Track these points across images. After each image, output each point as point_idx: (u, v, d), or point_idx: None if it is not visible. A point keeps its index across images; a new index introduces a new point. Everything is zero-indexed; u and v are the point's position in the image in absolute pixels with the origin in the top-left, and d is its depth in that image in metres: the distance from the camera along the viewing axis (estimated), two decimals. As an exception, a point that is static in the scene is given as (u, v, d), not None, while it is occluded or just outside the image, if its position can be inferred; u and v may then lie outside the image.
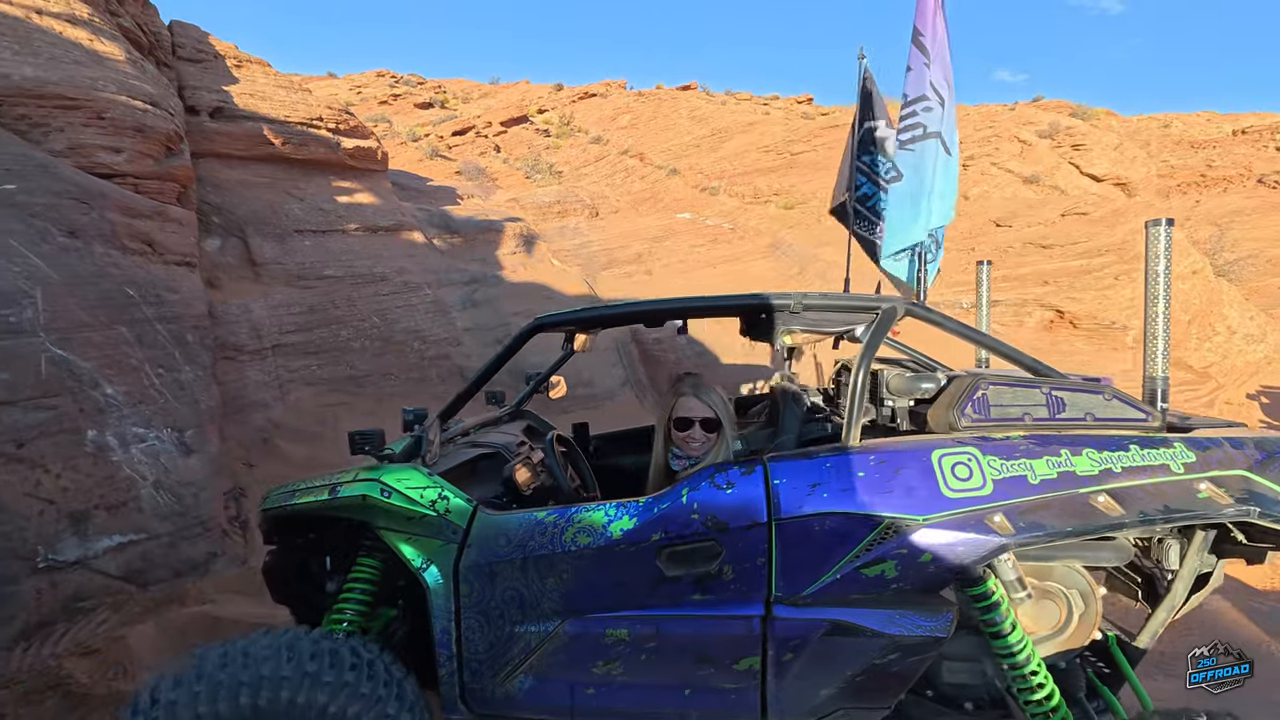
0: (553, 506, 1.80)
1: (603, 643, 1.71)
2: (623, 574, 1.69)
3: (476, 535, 1.74)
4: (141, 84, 4.71)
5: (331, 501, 1.83)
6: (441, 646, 1.73)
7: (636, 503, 1.73)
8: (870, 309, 1.92)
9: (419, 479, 1.79)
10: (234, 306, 5.24)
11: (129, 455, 3.29)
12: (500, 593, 1.72)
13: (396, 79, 24.45)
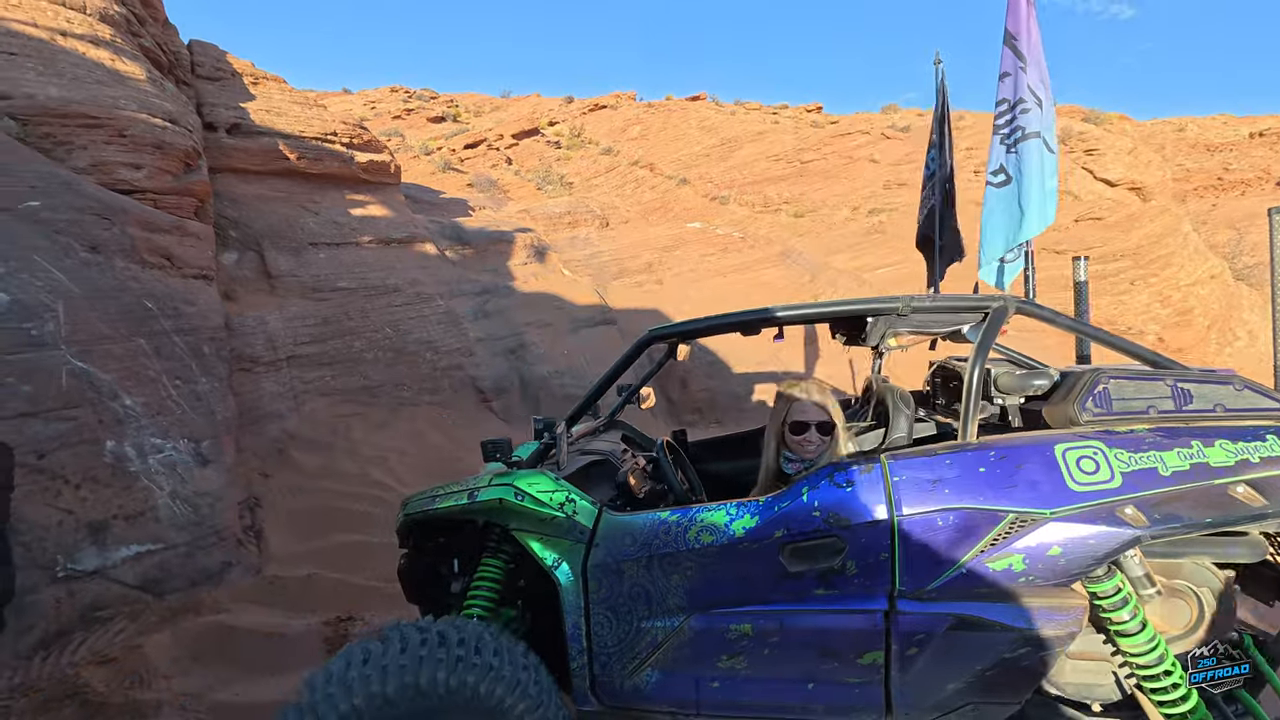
0: (674, 507, 1.86)
1: (727, 637, 1.76)
2: (746, 570, 1.74)
3: (602, 535, 1.82)
4: (161, 102, 4.82)
5: (470, 505, 1.93)
6: (573, 640, 1.81)
7: (756, 502, 1.78)
8: (979, 308, 1.96)
9: (548, 484, 1.89)
10: (250, 319, 5.31)
11: (147, 466, 3.33)
12: (627, 589, 1.79)
13: (410, 94, 24.81)
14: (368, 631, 3.10)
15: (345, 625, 3.14)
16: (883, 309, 1.99)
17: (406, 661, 1.56)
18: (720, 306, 9.04)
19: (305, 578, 3.49)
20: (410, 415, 5.76)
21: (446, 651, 1.59)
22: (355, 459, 4.92)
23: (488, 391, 6.35)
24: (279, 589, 3.40)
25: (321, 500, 4.32)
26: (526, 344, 7.01)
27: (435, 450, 5.33)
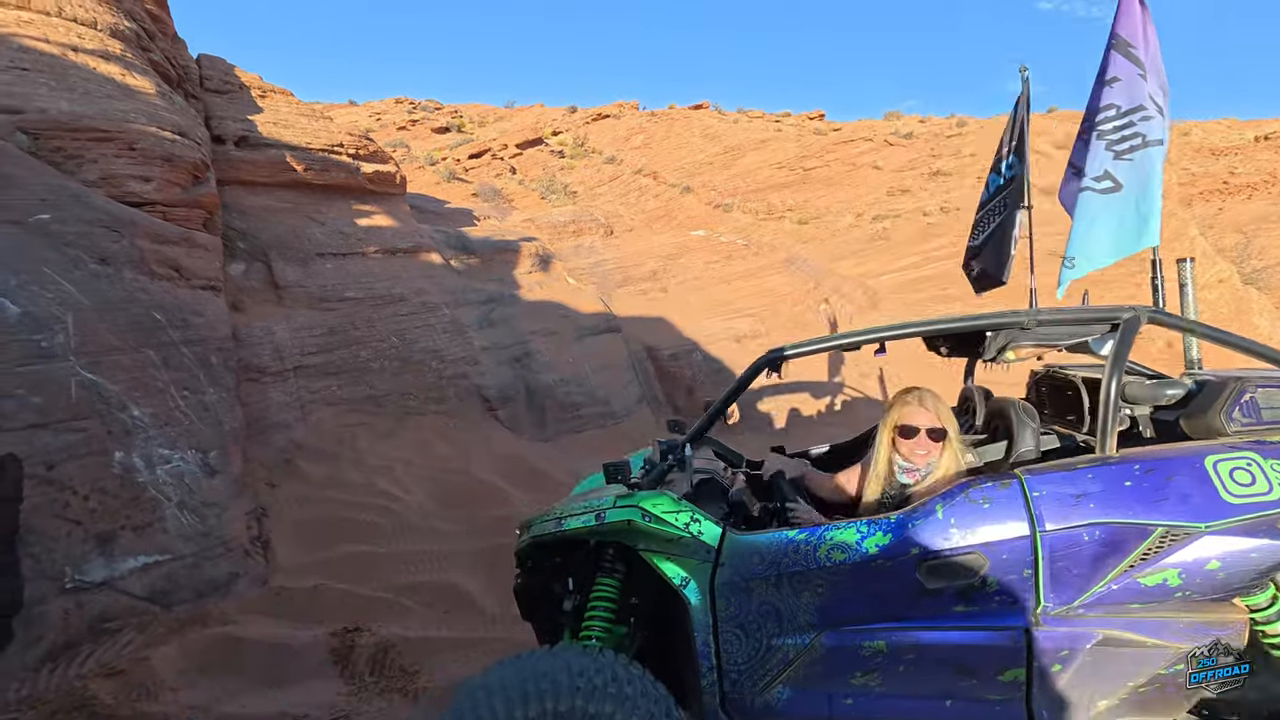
0: (800, 526, 1.88)
1: (860, 654, 1.76)
2: (880, 587, 1.74)
3: (728, 554, 1.83)
4: (171, 115, 4.87)
5: (599, 527, 1.95)
6: (702, 658, 1.82)
7: (888, 519, 1.78)
8: (1108, 319, 1.96)
9: (672, 504, 1.91)
10: (257, 329, 5.33)
11: (154, 476, 3.34)
12: (756, 607, 1.80)
13: (414, 105, 25.02)
14: (374, 643, 3.09)
15: (352, 636, 3.12)
16: (1006, 323, 2.00)
17: (547, 686, 1.58)
18: (725, 313, 9.03)
19: (312, 589, 3.48)
20: (416, 424, 5.76)
21: (585, 679, 1.61)
22: (361, 469, 4.92)
23: (493, 400, 6.35)
24: (285, 600, 3.39)
25: (328, 510, 4.31)
26: (532, 352, 7.01)
27: (441, 459, 5.33)
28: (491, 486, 4.94)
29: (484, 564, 3.94)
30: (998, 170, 3.79)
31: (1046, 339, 2.02)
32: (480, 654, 3.14)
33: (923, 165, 18.88)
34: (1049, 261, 4.03)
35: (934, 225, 16.16)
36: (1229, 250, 17.35)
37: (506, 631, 3.35)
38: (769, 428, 7.47)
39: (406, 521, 4.31)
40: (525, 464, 5.48)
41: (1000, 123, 21.86)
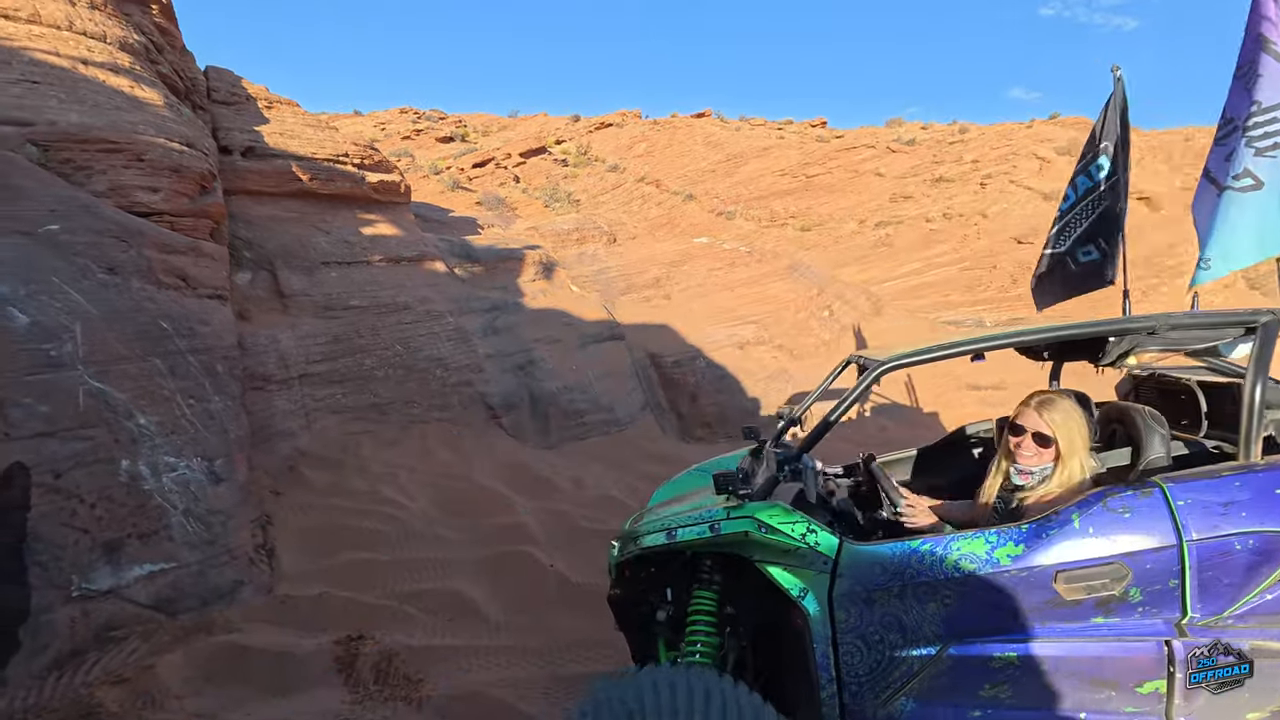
0: (924, 536, 1.85)
1: (990, 666, 1.73)
2: (1012, 598, 1.71)
3: (846, 565, 1.81)
4: (179, 127, 4.92)
5: (716, 538, 1.94)
6: (821, 670, 1.81)
7: (1019, 529, 1.75)
8: (1243, 323, 1.94)
9: (787, 515, 1.88)
10: (263, 337, 5.36)
11: (160, 484, 3.35)
12: (879, 619, 1.78)
13: (419, 115, 25.21)
14: (378, 651, 3.08)
15: (356, 645, 3.12)
16: (1134, 327, 1.97)
17: (653, 709, 1.55)
18: (728, 320, 9.04)
19: (316, 596, 3.48)
20: (420, 432, 5.77)
21: (708, 704, 1.59)
22: (365, 476, 4.93)
23: (497, 408, 6.36)
24: (290, 608, 3.39)
25: (332, 518, 4.32)
26: (535, 360, 7.03)
27: (444, 467, 5.34)
28: (495, 494, 4.95)
29: (488, 571, 3.94)
30: (1086, 173, 3.71)
31: (1176, 344, 2.00)
32: (484, 662, 3.13)
33: (925, 172, 18.92)
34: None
35: (936, 231, 16.17)
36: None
37: (511, 639, 3.35)
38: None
39: (410, 529, 4.32)
40: (529, 471, 5.48)
41: (1002, 130, 21.86)
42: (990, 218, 16.37)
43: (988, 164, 18.55)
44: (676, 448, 7.00)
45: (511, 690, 2.89)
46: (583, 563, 4.14)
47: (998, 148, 19.05)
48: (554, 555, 4.15)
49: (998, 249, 14.84)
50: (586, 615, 3.57)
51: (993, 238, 15.27)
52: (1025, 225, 15.38)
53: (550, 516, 4.73)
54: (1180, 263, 13.41)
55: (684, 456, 6.65)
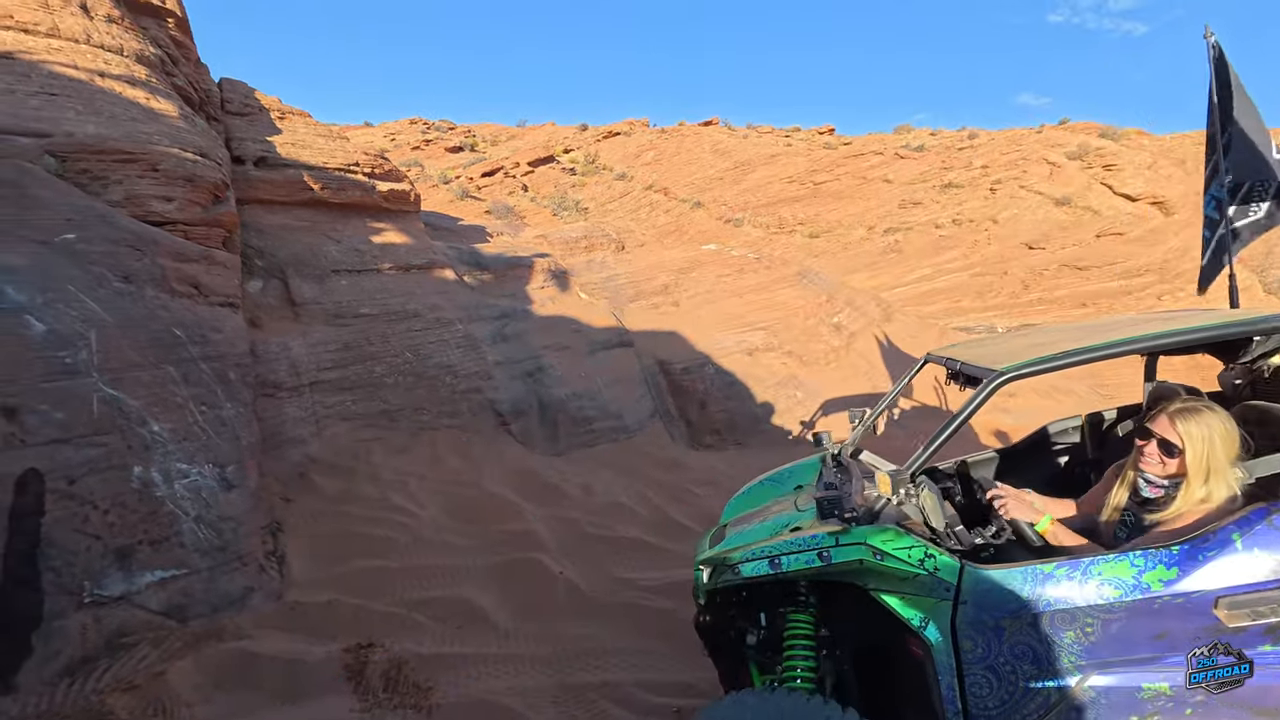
0: (1059, 560, 1.74)
1: (1137, 698, 1.63)
2: (1164, 626, 1.61)
3: (969, 590, 1.71)
4: (193, 137, 4.98)
5: (826, 568, 1.85)
6: (947, 704, 1.72)
7: (1169, 550, 1.64)
8: None
9: (901, 539, 1.78)
10: (274, 345, 5.40)
11: (172, 491, 3.37)
12: (1009, 648, 1.68)
13: (428, 125, 25.47)
14: (387, 659, 3.07)
15: (365, 652, 3.11)
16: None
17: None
18: (737, 327, 9.01)
19: (325, 603, 3.48)
20: (430, 439, 5.78)
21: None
22: (376, 483, 4.93)
23: (506, 414, 6.36)
24: (300, 615, 3.39)
25: (342, 525, 4.33)
26: (544, 367, 7.03)
27: (454, 474, 5.34)
28: (504, 501, 4.94)
29: (497, 579, 3.92)
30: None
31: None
32: (493, 670, 3.11)
33: (934, 178, 18.85)
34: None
35: (946, 237, 16.09)
36: (1250, 259, 17.06)
37: (520, 647, 3.32)
38: (784, 440, 7.41)
39: (420, 536, 4.31)
40: (538, 478, 5.47)
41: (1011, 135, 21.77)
42: (1001, 223, 16.26)
43: (997, 169, 18.46)
44: (686, 455, 6.97)
45: (520, 698, 2.87)
46: (592, 570, 4.11)
47: (1007, 153, 18.95)
48: (563, 562, 4.13)
49: (1009, 254, 14.73)
50: (596, 623, 3.55)
51: (1003, 243, 15.17)
52: (1036, 231, 15.28)
53: (559, 524, 4.71)
54: (1195, 268, 13.24)
55: (693, 463, 6.62)
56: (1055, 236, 14.67)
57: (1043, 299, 13.46)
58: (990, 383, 1.91)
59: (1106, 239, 14.19)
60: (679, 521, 5.00)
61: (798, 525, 2.11)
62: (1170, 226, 14.42)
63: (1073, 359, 1.88)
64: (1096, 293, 13.01)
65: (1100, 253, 13.73)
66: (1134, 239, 13.98)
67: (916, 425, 7.79)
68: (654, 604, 3.71)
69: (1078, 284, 13.36)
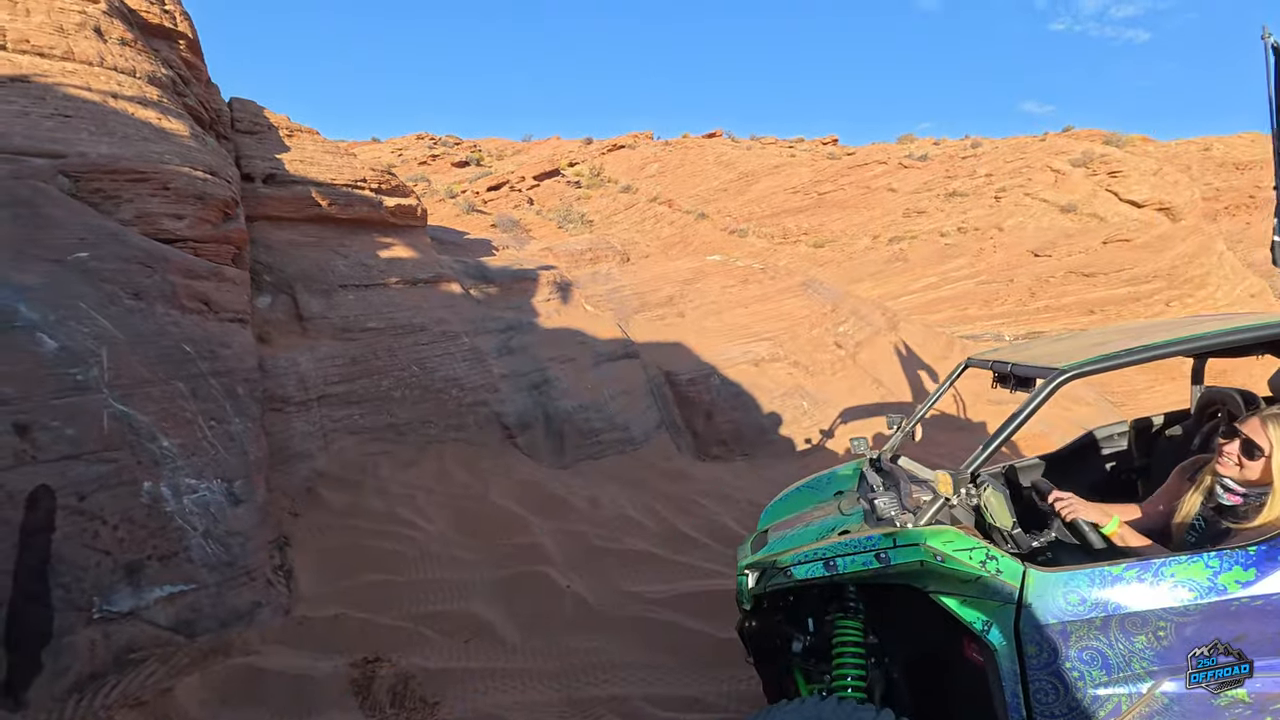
0: (1127, 560, 1.70)
1: (1213, 705, 1.59)
2: (1241, 629, 1.57)
3: (1034, 594, 1.66)
4: (203, 156, 5.06)
5: (884, 570, 1.81)
6: (1012, 711, 1.68)
7: (1246, 551, 1.61)
8: None
9: (963, 540, 1.74)
10: (282, 360, 5.44)
11: (181, 506, 3.39)
12: (1076, 653, 1.63)
13: (435, 140, 25.76)
14: (394, 674, 3.06)
15: (372, 667, 3.10)
16: None
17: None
18: (742, 337, 9.01)
19: (333, 618, 3.48)
20: (437, 452, 5.79)
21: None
22: (383, 497, 4.94)
23: (512, 427, 6.37)
24: (307, 629, 3.39)
25: (350, 539, 4.33)
26: (550, 379, 7.05)
27: (461, 487, 5.34)
28: (511, 514, 4.93)
29: (504, 593, 3.91)
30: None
31: None
32: (500, 684, 3.09)
33: (938, 186, 18.86)
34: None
35: (951, 246, 16.06)
36: (1260, 264, 16.93)
37: (527, 661, 3.31)
38: (791, 451, 7.37)
39: (427, 550, 4.31)
40: (544, 491, 5.47)
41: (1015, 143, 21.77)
42: (1006, 231, 16.23)
43: (1001, 177, 18.46)
44: (692, 466, 6.95)
45: (527, 713, 2.85)
46: (599, 583, 4.09)
47: (1011, 161, 18.95)
48: (570, 576, 4.11)
49: (1014, 262, 14.69)
50: (603, 636, 3.52)
51: (1009, 251, 15.13)
52: (1041, 238, 15.24)
53: (566, 537, 4.70)
54: (1205, 273, 13.17)
55: (700, 475, 6.59)
56: (1061, 244, 14.62)
57: (1050, 306, 13.40)
58: (1052, 381, 1.86)
59: (1113, 246, 14.12)
60: (686, 533, 4.97)
61: (845, 529, 2.07)
62: (1177, 233, 14.35)
63: (1135, 357, 1.83)
64: (1104, 299, 12.94)
65: (1107, 259, 13.67)
66: (1141, 245, 13.91)
67: (933, 435, 7.74)
68: (661, 617, 3.69)
69: (1085, 291, 13.30)
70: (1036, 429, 7.51)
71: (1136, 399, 10.24)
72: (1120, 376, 10.36)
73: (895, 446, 2.60)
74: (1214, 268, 13.36)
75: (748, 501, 5.66)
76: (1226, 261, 14.12)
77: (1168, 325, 2.13)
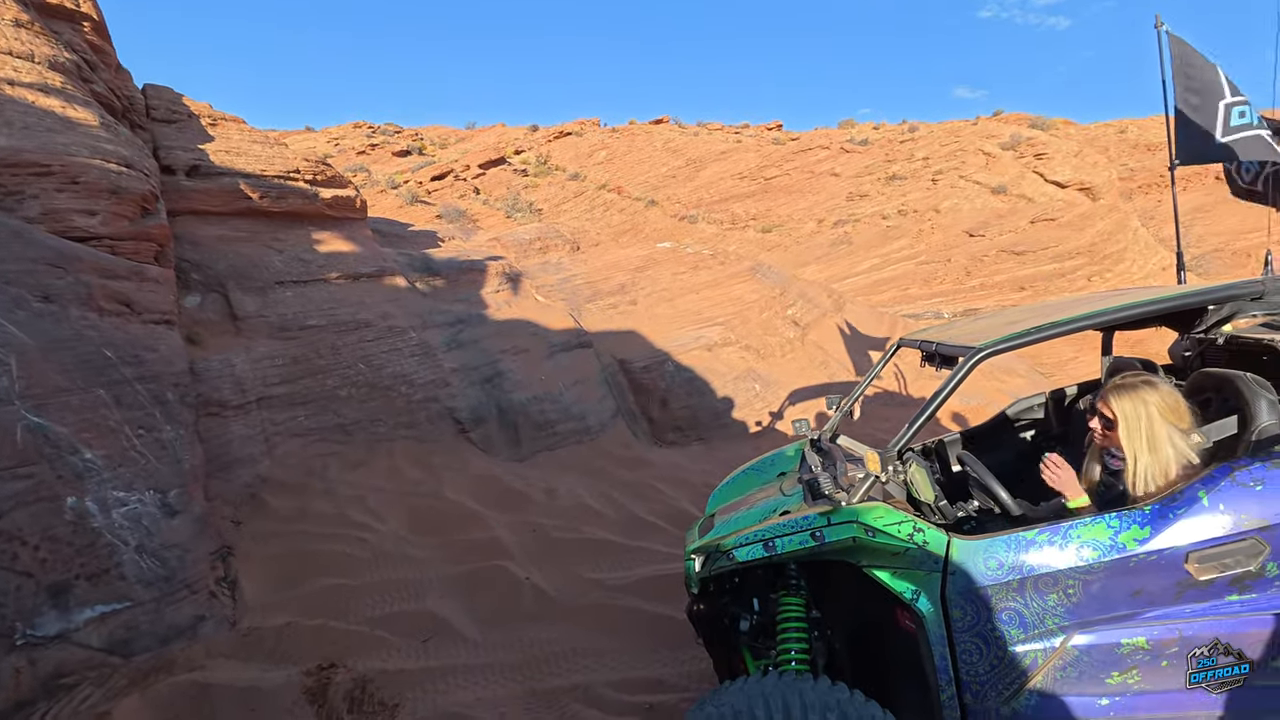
0: (1040, 526, 1.78)
1: (1117, 653, 1.69)
2: (1139, 583, 1.67)
3: (958, 562, 1.75)
4: (116, 147, 4.73)
5: (820, 547, 1.87)
6: (940, 672, 1.77)
7: (1142, 511, 1.71)
8: None
9: (892, 515, 1.82)
10: (215, 362, 5.17)
11: (110, 520, 3.20)
12: (997, 614, 1.73)
13: (373, 129, 24.81)
14: (351, 679, 2.99)
15: (327, 674, 3.02)
16: (1236, 294, 1.92)
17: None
18: (694, 323, 9.09)
19: (283, 627, 3.36)
20: (388, 451, 5.64)
21: (821, 717, 1.58)
22: (332, 500, 4.79)
23: (465, 422, 6.26)
24: (256, 641, 3.27)
25: (298, 545, 4.18)
26: (503, 372, 6.95)
27: (414, 485, 5.22)
28: (467, 510, 4.86)
29: (462, 589, 3.86)
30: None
31: (1276, 308, 1.96)
32: (462, 681, 3.06)
33: (879, 170, 19.41)
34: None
35: (893, 228, 16.60)
36: (1169, 240, 18.15)
37: (489, 656, 3.28)
38: (745, 434, 7.51)
39: (381, 551, 4.21)
40: (500, 485, 5.41)
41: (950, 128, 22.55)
42: (943, 212, 16.87)
43: (938, 160, 19.14)
44: (650, 452, 7.00)
45: (492, 709, 2.84)
46: (559, 574, 4.09)
47: (947, 145, 19.66)
48: (529, 568, 4.09)
49: (951, 243, 15.30)
50: (564, 626, 3.53)
51: (946, 232, 15.74)
52: (975, 219, 15.91)
53: (524, 529, 4.67)
54: (1122, 249, 14.03)
55: (657, 461, 6.65)
56: (994, 224, 15.31)
57: (984, 284, 14.03)
58: (970, 359, 1.96)
59: (1040, 225, 14.88)
60: (645, 520, 5.01)
61: (786, 509, 2.14)
62: (1097, 211, 15.23)
63: (1044, 334, 1.95)
64: (1033, 276, 13.64)
65: (1035, 238, 14.40)
66: (1065, 224, 14.71)
67: (878, 411, 8.01)
68: (623, 603, 3.72)
69: (1015, 268, 13.98)
70: (975, 402, 7.88)
71: (1065, 369, 10.86)
72: (1049, 349, 10.96)
73: (834, 426, 2.70)
74: (1130, 244, 14.25)
75: (704, 485, 5.74)
76: (1141, 238, 15.09)
77: (1073, 303, 2.28)
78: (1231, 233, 18.18)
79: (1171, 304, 2.00)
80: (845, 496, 1.90)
